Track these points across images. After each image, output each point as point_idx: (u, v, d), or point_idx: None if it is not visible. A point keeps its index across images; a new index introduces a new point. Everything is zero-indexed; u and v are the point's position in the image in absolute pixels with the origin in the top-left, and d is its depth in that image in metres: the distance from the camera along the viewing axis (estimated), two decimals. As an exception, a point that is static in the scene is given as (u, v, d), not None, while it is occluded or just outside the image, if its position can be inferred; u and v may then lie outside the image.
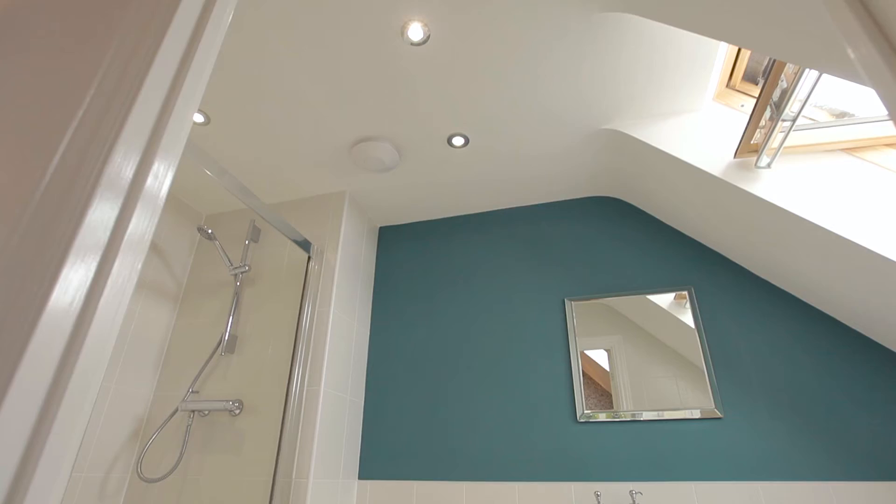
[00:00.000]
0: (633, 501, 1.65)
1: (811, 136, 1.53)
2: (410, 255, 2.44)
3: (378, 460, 2.02)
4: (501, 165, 2.09)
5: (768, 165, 1.52)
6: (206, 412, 1.93)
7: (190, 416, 1.91)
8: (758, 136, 1.52)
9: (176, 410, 1.88)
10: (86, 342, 0.44)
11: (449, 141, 1.93)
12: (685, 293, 1.97)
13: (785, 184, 1.49)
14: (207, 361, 1.97)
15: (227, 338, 2.00)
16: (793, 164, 1.53)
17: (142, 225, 0.53)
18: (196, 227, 2.11)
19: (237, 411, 1.88)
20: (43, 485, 0.41)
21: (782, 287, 1.87)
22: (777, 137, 1.45)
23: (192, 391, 1.94)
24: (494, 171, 2.13)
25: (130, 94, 0.56)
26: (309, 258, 2.04)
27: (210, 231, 2.09)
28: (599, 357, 1.95)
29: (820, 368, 1.73)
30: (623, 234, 2.18)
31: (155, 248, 2.14)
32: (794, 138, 1.53)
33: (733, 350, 1.84)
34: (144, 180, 0.54)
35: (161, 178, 0.57)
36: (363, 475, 2.00)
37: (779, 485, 1.62)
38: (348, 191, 2.27)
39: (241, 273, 2.14)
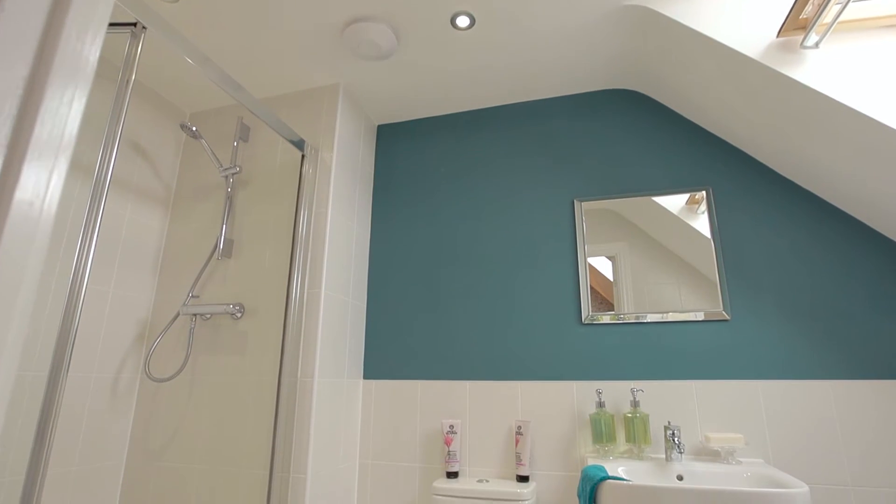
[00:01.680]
0: (634, 398, 1.68)
1: (870, 7, 1.32)
2: (411, 155, 2.30)
3: (382, 360, 2.05)
4: (510, 50, 1.87)
5: (816, 45, 1.33)
6: (208, 315, 1.92)
7: (192, 320, 1.90)
8: (808, 9, 1.31)
9: (177, 315, 1.87)
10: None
11: (452, 21, 1.71)
12: (701, 195, 1.85)
13: (833, 67, 1.31)
14: (205, 266, 1.92)
15: (222, 242, 1.94)
16: (844, 43, 1.33)
17: (63, 101, 0.42)
18: (179, 125, 1.96)
19: (239, 315, 1.87)
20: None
21: (809, 188, 1.75)
22: (832, 11, 1.25)
23: (193, 295, 1.92)
24: (502, 56, 1.91)
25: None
26: (303, 157, 1.91)
27: (195, 129, 1.94)
28: (602, 266, 1.89)
29: (838, 270, 1.67)
30: (639, 130, 2.01)
31: (137, 148, 2.00)
32: (850, 11, 1.33)
33: (748, 252, 1.77)
34: (56, 41, 0.42)
35: (88, 42, 0.45)
36: (368, 375, 2.04)
37: (778, 383, 1.63)
38: (342, 83, 2.07)
39: (233, 175, 2.02)
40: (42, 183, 0.40)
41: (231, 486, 1.72)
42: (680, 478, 1.52)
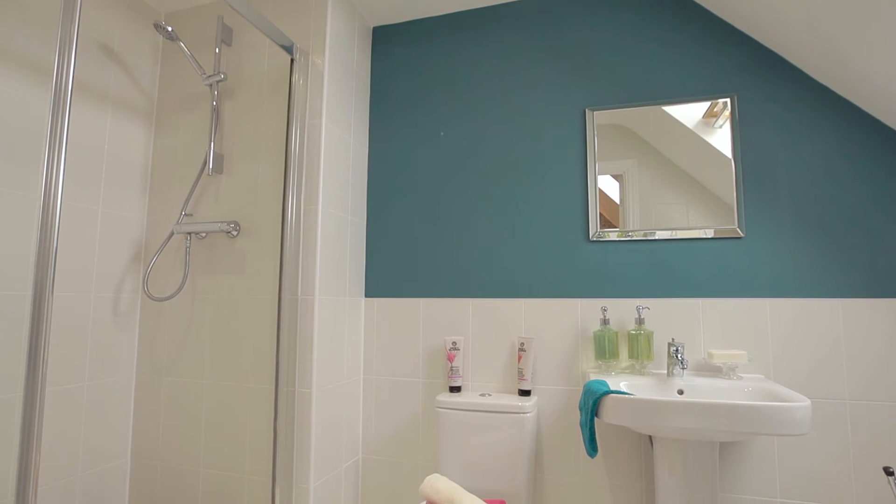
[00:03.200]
0: (639, 315, 1.66)
1: None
2: (410, 60, 2.12)
3: (384, 279, 2.02)
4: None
5: (881, -82, 1.14)
6: (203, 234, 1.86)
7: (187, 239, 1.85)
8: None
9: (171, 234, 1.81)
10: None
11: None
12: (721, 107, 1.71)
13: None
14: (196, 182, 1.83)
15: (212, 157, 1.83)
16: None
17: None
18: (153, 24, 1.77)
19: (235, 233, 1.81)
20: None
21: (846, 95, 1.60)
22: None
23: (185, 214, 1.85)
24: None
25: None
26: (292, 62, 1.75)
27: (170, 29, 1.76)
28: (608, 186, 1.79)
29: (863, 185, 1.58)
30: (660, 29, 1.82)
31: (110, 52, 1.83)
32: None
33: (769, 165, 1.66)
34: None
35: None
36: (370, 293, 2.02)
37: (787, 301, 1.60)
38: (331, -25, 1.85)
39: (217, 82, 1.86)
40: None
41: (239, 398, 1.76)
42: (681, 392, 1.54)
